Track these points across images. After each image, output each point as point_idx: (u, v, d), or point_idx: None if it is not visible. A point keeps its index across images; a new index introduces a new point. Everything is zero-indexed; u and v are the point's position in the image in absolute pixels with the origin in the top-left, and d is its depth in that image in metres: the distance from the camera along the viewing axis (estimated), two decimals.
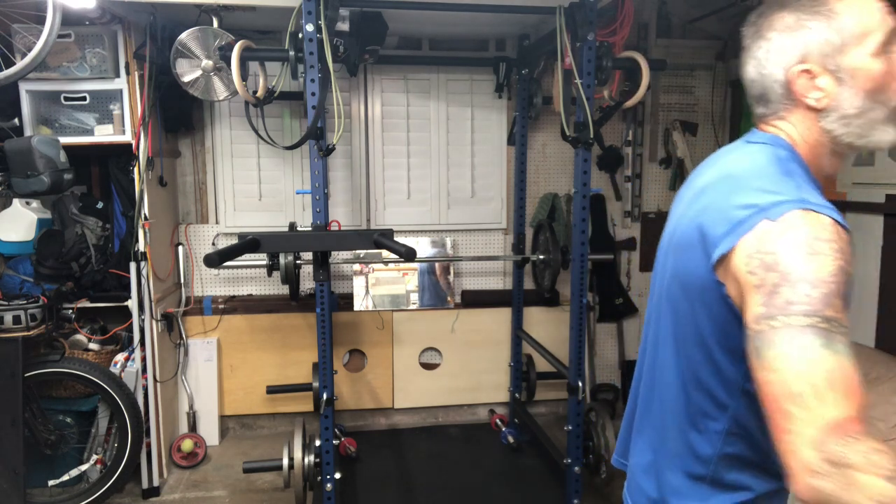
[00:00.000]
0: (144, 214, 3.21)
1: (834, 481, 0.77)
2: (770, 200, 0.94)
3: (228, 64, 2.73)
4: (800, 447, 0.81)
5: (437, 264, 4.04)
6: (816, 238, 0.88)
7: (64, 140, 3.01)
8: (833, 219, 0.91)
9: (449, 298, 4.07)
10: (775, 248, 0.90)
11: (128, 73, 3.10)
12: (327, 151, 2.70)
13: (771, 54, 1.06)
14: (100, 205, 3.37)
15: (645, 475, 1.22)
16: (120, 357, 3.29)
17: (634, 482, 1.26)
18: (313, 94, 2.59)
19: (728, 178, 1.06)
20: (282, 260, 3.35)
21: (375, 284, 3.95)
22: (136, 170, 3.17)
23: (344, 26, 2.80)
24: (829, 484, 0.77)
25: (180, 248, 3.81)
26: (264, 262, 3.56)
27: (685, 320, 1.08)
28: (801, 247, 0.88)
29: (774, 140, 1.07)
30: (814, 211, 0.91)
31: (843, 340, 0.85)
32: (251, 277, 4.00)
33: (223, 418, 3.94)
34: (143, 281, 3.22)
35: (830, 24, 1.01)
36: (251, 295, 4.01)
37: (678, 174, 4.29)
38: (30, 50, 2.70)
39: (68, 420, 3.21)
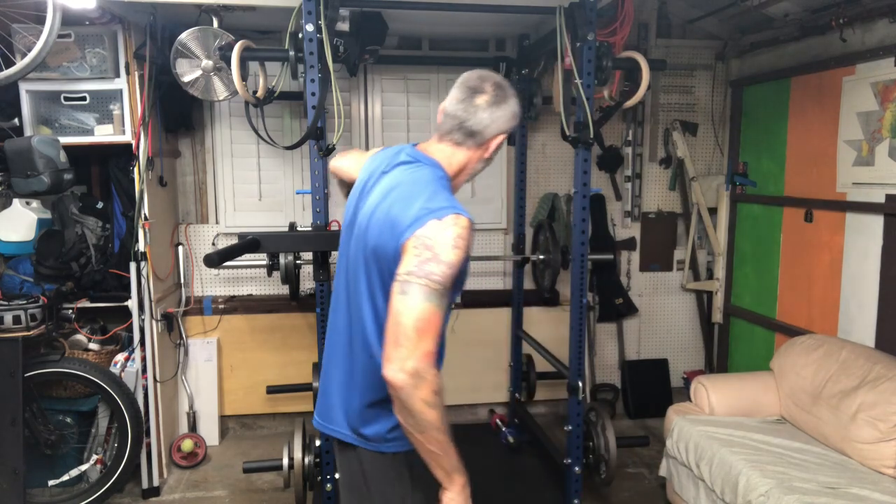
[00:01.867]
0: (144, 214, 3.21)
1: (410, 381, 1.35)
2: (438, 206, 1.44)
3: (228, 64, 2.73)
4: (401, 354, 1.35)
5: None
6: (458, 236, 1.42)
7: (64, 140, 3.01)
8: (468, 219, 1.45)
9: None
10: (435, 237, 1.41)
11: (128, 73, 3.10)
12: (327, 151, 2.70)
13: (492, 115, 1.58)
14: (100, 205, 3.37)
15: (343, 414, 1.62)
16: (120, 357, 3.29)
17: (332, 425, 1.65)
18: (313, 94, 2.58)
19: (409, 184, 1.54)
20: (282, 260, 3.34)
21: None
22: (136, 170, 3.17)
23: (344, 26, 2.79)
24: (408, 381, 1.35)
25: (180, 248, 3.81)
26: (264, 262, 3.55)
27: (375, 277, 1.53)
28: (449, 241, 1.41)
29: (434, 164, 1.59)
30: (462, 215, 1.44)
31: (445, 302, 1.40)
32: (251, 277, 4.00)
33: (223, 418, 3.94)
34: (143, 281, 3.22)
35: (516, 110, 1.62)
36: (251, 295, 4.01)
37: (678, 174, 4.29)
38: (30, 50, 2.70)
39: (68, 420, 3.21)
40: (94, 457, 3.20)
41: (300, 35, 2.61)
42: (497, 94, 1.59)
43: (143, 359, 3.26)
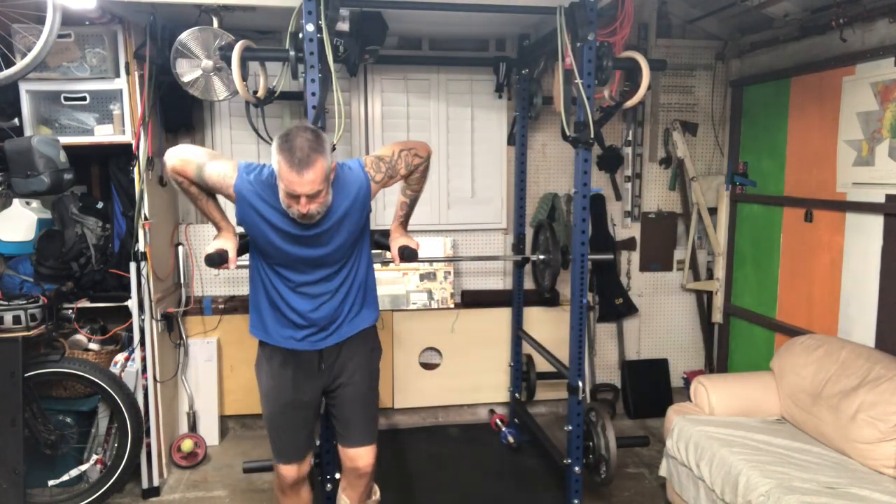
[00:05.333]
0: (144, 214, 3.21)
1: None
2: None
3: (228, 64, 2.73)
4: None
5: None
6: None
7: (64, 140, 3.01)
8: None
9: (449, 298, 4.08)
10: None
11: (128, 73, 3.10)
12: None
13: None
14: (100, 205, 3.37)
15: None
16: (120, 357, 3.29)
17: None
18: (313, 94, 2.58)
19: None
20: None
21: None
22: (136, 170, 3.17)
23: (344, 26, 2.79)
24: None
25: (180, 248, 3.81)
26: None
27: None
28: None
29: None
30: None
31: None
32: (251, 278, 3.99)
33: (223, 418, 3.94)
34: (143, 281, 3.22)
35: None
36: None
37: (678, 174, 4.29)
38: (30, 50, 2.70)
39: (68, 420, 3.21)
40: (94, 457, 3.20)
41: (300, 35, 2.61)
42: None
43: (143, 359, 3.26)
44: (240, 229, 2.37)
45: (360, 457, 2.40)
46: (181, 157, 2.12)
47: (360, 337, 2.36)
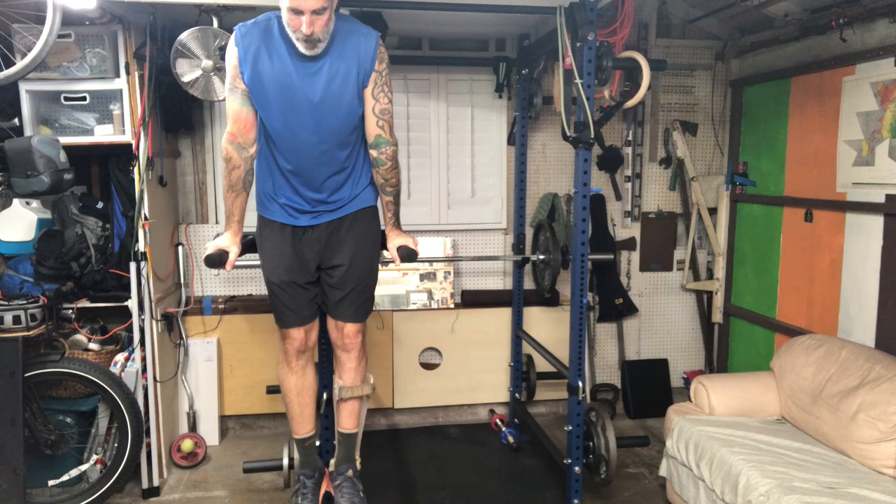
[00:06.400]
0: (144, 214, 3.21)
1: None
2: None
3: None
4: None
5: None
6: None
7: (64, 140, 3.01)
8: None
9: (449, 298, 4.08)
10: None
11: (128, 73, 3.10)
12: None
13: None
14: (100, 205, 3.37)
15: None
16: (120, 357, 3.29)
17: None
18: None
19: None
20: None
21: None
22: (136, 170, 3.17)
23: None
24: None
25: (180, 248, 3.81)
26: None
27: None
28: None
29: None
30: None
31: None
32: (251, 277, 4.00)
33: (223, 418, 3.94)
34: (143, 281, 3.22)
35: None
36: (251, 295, 4.01)
37: (678, 174, 4.29)
38: (30, 50, 2.70)
39: (68, 420, 3.21)
40: (94, 457, 3.20)
41: None
42: None
43: (143, 359, 3.26)
44: (245, 229, 2.38)
45: (346, 327, 2.42)
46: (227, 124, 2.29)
47: (360, 217, 2.38)
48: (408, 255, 2.41)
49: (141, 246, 3.21)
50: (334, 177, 2.31)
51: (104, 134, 3.17)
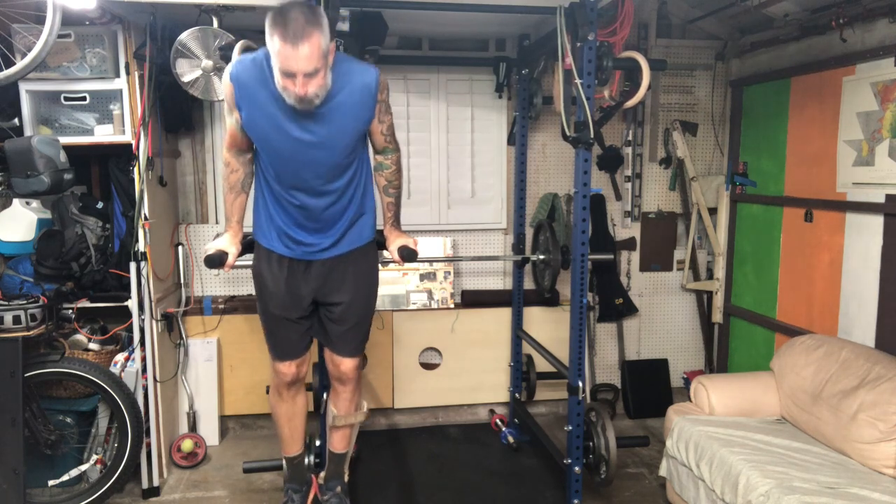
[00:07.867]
0: (144, 214, 3.21)
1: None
2: None
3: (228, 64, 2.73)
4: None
5: None
6: None
7: (64, 140, 3.01)
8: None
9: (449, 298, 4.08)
10: None
11: (128, 73, 3.10)
12: None
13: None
14: (100, 205, 3.37)
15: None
16: (120, 357, 3.29)
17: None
18: None
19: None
20: None
21: None
22: (136, 170, 3.17)
23: (344, 26, 2.80)
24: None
25: (180, 248, 3.81)
26: None
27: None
28: None
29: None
30: None
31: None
32: (251, 278, 3.97)
33: (223, 418, 3.94)
34: (143, 281, 3.22)
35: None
36: (251, 295, 4.00)
37: (678, 174, 4.29)
38: (30, 50, 2.70)
39: (68, 420, 3.21)
40: (94, 457, 3.20)
41: None
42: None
43: (143, 359, 3.26)
44: (245, 230, 2.39)
45: (344, 363, 2.44)
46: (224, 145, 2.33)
47: (360, 253, 2.36)
48: (408, 255, 2.41)
49: (141, 246, 3.21)
50: (332, 207, 2.27)
51: (104, 134, 3.17)
